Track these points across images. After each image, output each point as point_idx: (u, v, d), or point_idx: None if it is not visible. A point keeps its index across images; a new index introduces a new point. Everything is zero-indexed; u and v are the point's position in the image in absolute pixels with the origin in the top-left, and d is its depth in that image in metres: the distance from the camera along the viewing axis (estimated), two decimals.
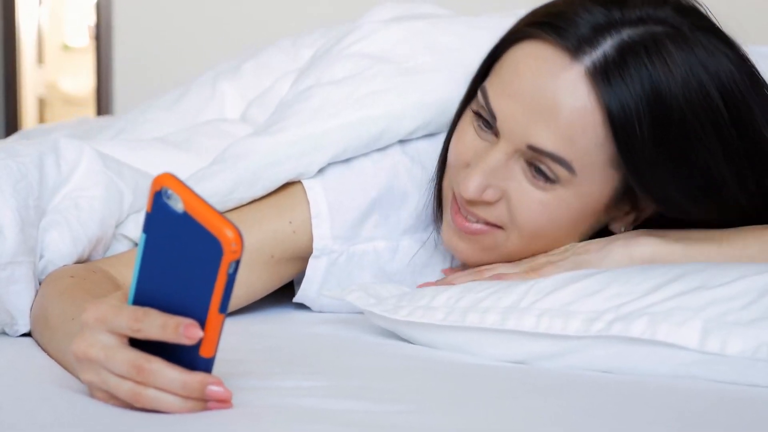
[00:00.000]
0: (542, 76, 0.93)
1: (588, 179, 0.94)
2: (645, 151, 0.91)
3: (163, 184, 0.67)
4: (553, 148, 0.93)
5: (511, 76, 0.96)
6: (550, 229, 0.97)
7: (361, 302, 1.00)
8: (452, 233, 1.04)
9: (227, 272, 0.65)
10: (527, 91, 0.94)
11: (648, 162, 0.92)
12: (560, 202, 0.96)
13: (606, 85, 0.90)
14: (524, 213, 0.97)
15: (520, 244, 1.00)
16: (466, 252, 1.04)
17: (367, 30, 1.25)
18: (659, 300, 0.85)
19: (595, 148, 0.93)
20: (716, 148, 0.92)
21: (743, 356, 0.80)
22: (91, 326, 0.70)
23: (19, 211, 1.00)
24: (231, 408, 0.70)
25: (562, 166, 0.93)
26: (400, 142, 1.14)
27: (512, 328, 0.89)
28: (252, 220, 1.09)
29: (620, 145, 0.92)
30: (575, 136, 0.92)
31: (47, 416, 0.70)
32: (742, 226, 0.99)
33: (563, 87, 0.92)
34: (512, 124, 0.95)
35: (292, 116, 1.14)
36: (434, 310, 0.94)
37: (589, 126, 0.92)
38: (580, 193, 0.95)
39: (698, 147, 0.92)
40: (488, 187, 0.97)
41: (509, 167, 0.97)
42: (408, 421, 0.70)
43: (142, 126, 1.49)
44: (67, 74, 6.71)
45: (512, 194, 0.97)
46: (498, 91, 0.97)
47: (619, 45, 0.91)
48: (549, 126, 0.93)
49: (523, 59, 0.95)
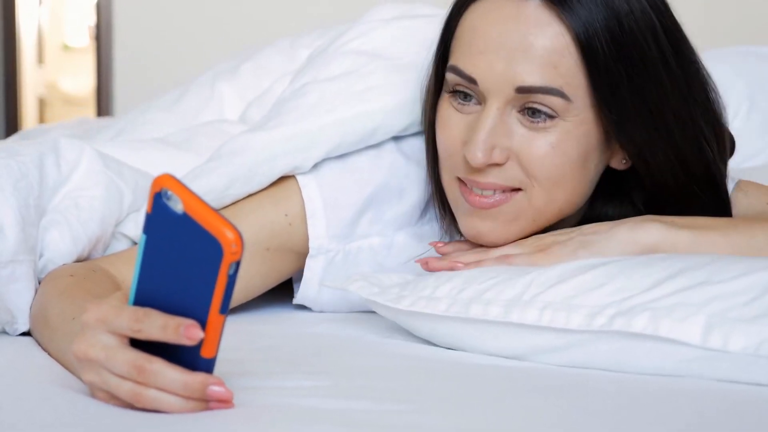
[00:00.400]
0: (503, 23, 0.95)
1: (581, 105, 0.96)
2: (608, 67, 0.94)
3: (162, 185, 0.67)
4: (541, 81, 0.94)
5: (474, 36, 0.97)
6: (566, 170, 0.97)
7: (363, 291, 1.00)
8: (473, 217, 1.01)
9: (227, 273, 0.66)
10: (495, 40, 0.95)
11: (610, 80, 0.95)
12: (566, 136, 0.96)
13: (566, 7, 0.94)
14: (537, 161, 0.96)
15: (544, 198, 0.98)
16: (493, 232, 1.00)
17: (365, 28, 1.25)
18: (662, 295, 0.84)
19: (576, 69, 0.95)
20: (658, 54, 0.96)
21: (746, 353, 0.79)
22: (92, 327, 0.70)
23: (19, 210, 1.01)
24: (232, 408, 0.70)
25: (555, 96, 0.95)
26: (395, 139, 1.14)
27: (515, 321, 0.89)
28: (247, 211, 1.09)
29: (588, 63, 0.94)
30: (556, 61, 0.94)
31: (48, 416, 0.70)
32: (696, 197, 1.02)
33: (527, 22, 0.94)
34: (494, 76, 0.96)
35: (288, 113, 1.14)
36: (437, 301, 0.94)
37: (564, 49, 0.94)
38: (580, 122, 0.96)
39: (645, 53, 0.95)
40: (494, 147, 0.96)
41: (506, 123, 0.97)
42: (409, 421, 0.70)
43: (141, 127, 1.49)
44: (67, 74, 6.71)
45: (518, 148, 0.97)
46: (467, 55, 0.98)
47: None
48: (528, 61, 0.94)
49: (479, 18, 0.98)
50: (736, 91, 1.70)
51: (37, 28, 6.41)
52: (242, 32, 2.77)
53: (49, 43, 6.66)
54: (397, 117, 1.12)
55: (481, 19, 0.97)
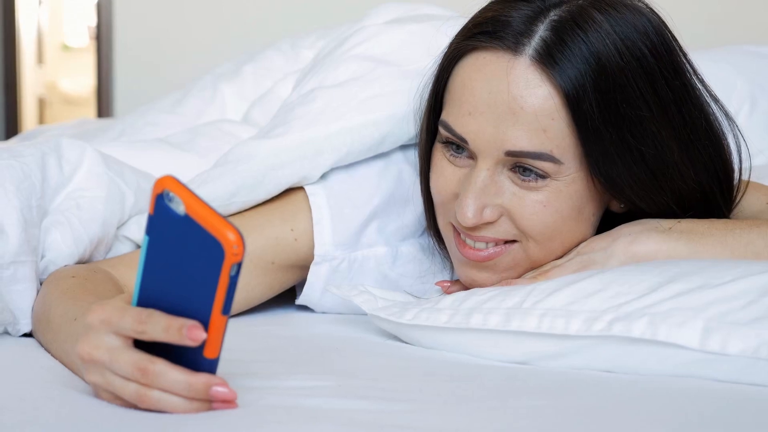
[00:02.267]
0: (493, 81, 0.93)
1: (573, 164, 0.94)
2: (598, 129, 0.92)
3: (164, 187, 0.67)
4: (529, 146, 0.93)
5: (464, 94, 0.96)
6: (558, 225, 0.96)
7: (367, 306, 1.00)
8: (468, 268, 1.01)
9: (229, 274, 0.66)
10: (484, 101, 0.94)
11: (601, 141, 0.92)
12: (557, 195, 0.95)
13: (554, 67, 0.91)
14: (528, 219, 0.96)
15: (540, 250, 0.98)
16: (490, 280, 1.01)
17: (370, 32, 1.25)
18: (659, 300, 0.85)
19: (566, 130, 0.93)
20: (656, 109, 0.93)
21: (744, 356, 0.80)
22: (96, 328, 0.70)
23: (22, 211, 1.01)
24: (235, 408, 0.70)
25: (545, 161, 0.93)
26: (402, 148, 1.14)
27: (515, 329, 0.89)
28: (254, 225, 1.09)
29: (578, 125, 0.92)
30: (545, 125, 0.92)
31: (51, 417, 0.71)
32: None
33: (516, 82, 0.93)
34: (483, 138, 0.94)
35: (294, 120, 1.14)
36: (439, 312, 0.94)
37: (554, 110, 0.92)
38: (571, 180, 0.95)
39: (639, 109, 0.92)
40: (485, 207, 0.96)
41: (497, 182, 0.96)
42: (411, 421, 0.70)
43: (143, 128, 1.49)
44: (67, 75, 6.71)
45: (510, 206, 0.96)
46: (457, 115, 0.96)
47: (552, 26, 0.92)
48: (517, 125, 0.93)
49: (470, 74, 0.96)
50: (737, 90, 1.70)
51: (37, 28, 6.41)
52: (243, 33, 2.77)
53: (48, 44, 6.65)
54: (405, 126, 1.12)
55: (471, 76, 0.95)
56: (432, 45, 1.17)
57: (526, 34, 0.93)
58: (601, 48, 0.91)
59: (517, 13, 0.94)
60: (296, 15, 2.72)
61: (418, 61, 1.17)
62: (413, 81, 1.13)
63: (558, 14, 0.93)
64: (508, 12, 0.95)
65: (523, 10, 0.94)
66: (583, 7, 0.94)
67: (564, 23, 0.92)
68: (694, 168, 0.97)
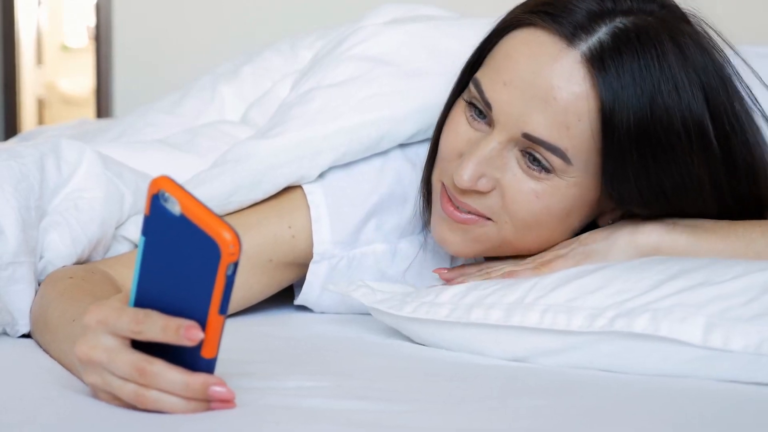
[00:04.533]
0: (538, 62, 0.93)
1: (582, 169, 0.94)
2: (622, 146, 0.91)
3: (160, 187, 0.67)
4: (548, 137, 0.92)
5: (506, 63, 0.95)
6: (543, 219, 0.96)
7: (366, 299, 1.00)
8: (443, 224, 1.01)
9: (226, 274, 0.66)
10: (523, 77, 0.93)
11: (622, 159, 0.91)
12: (554, 191, 0.95)
13: (602, 72, 0.90)
14: (518, 203, 0.96)
15: (513, 234, 0.98)
16: (457, 244, 1.01)
17: (369, 32, 1.25)
18: (662, 296, 0.85)
19: (589, 136, 0.92)
20: (696, 144, 0.92)
21: (746, 352, 0.80)
22: (93, 328, 0.70)
23: (20, 211, 1.01)
24: (234, 408, 0.70)
25: (556, 156, 0.93)
26: (401, 146, 1.14)
27: (516, 324, 0.89)
28: (252, 223, 1.09)
29: (604, 136, 0.91)
30: (570, 123, 0.92)
31: (50, 417, 0.71)
32: None
33: (559, 72, 0.92)
34: (508, 112, 0.94)
35: (292, 119, 1.14)
36: (439, 306, 0.94)
37: (584, 113, 0.91)
38: (574, 183, 0.95)
39: (676, 140, 0.91)
40: (482, 176, 0.96)
41: (504, 157, 0.96)
42: (409, 421, 0.70)
43: (142, 129, 1.49)
44: (67, 75, 6.71)
45: (506, 184, 0.96)
46: (492, 80, 0.96)
47: (613, 32, 0.91)
48: (544, 113, 0.92)
49: (518, 46, 0.95)
50: None
51: (36, 29, 6.41)
52: (242, 33, 2.77)
53: (48, 44, 6.65)
54: (404, 125, 1.12)
55: (520, 49, 0.94)
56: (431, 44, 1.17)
57: (587, 30, 0.92)
58: (654, 74, 0.90)
59: (584, 5, 0.93)
60: (296, 15, 2.72)
61: (416, 61, 1.17)
62: (413, 81, 1.13)
63: (624, 23, 0.92)
64: (575, 0, 0.93)
65: (591, 4, 0.93)
66: (650, 26, 0.92)
67: (627, 34, 0.91)
68: (721, 198, 0.96)
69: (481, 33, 1.03)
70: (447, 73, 1.10)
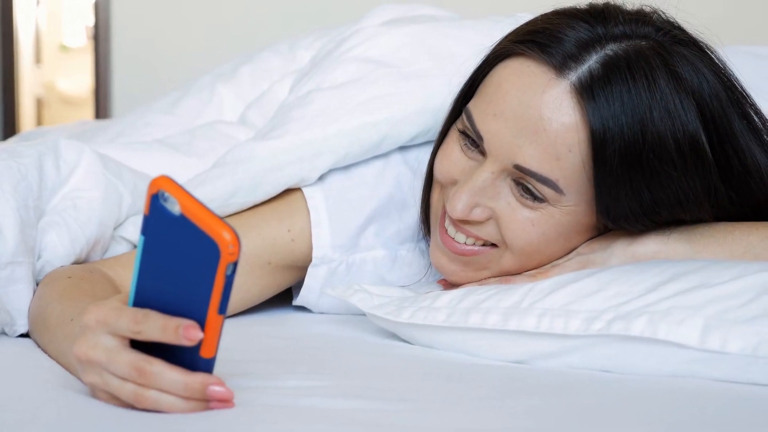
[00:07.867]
0: (528, 92, 0.92)
1: (575, 198, 0.93)
2: (615, 174, 0.89)
3: (159, 187, 0.67)
4: (539, 168, 0.91)
5: (497, 94, 0.94)
6: (542, 246, 0.96)
7: (363, 304, 1.00)
8: (440, 254, 1.01)
9: (225, 274, 0.66)
10: (513, 108, 0.92)
11: (615, 187, 0.90)
12: (549, 219, 0.94)
13: (591, 102, 0.89)
14: (513, 231, 0.95)
15: (514, 262, 0.98)
16: (457, 274, 1.01)
17: (369, 34, 1.24)
18: (659, 299, 0.85)
19: (580, 166, 0.91)
20: (691, 172, 0.91)
21: (744, 354, 0.80)
22: (93, 328, 0.70)
23: (19, 211, 1.01)
24: (232, 408, 0.70)
25: (548, 187, 0.92)
26: (401, 149, 1.14)
27: (514, 329, 0.89)
28: (251, 225, 1.09)
29: (595, 165, 0.90)
30: (561, 154, 0.91)
31: (49, 416, 0.71)
32: None
33: (549, 103, 0.91)
34: (499, 143, 0.93)
35: (292, 121, 1.13)
36: (436, 311, 0.94)
37: (574, 143, 0.90)
38: (568, 211, 0.94)
39: (670, 168, 0.90)
40: (476, 207, 0.96)
41: (497, 186, 0.95)
42: (408, 421, 0.70)
43: (141, 129, 1.49)
44: (65, 75, 6.70)
45: (501, 213, 0.95)
46: (483, 111, 0.95)
47: (604, 61, 0.90)
48: (535, 144, 0.91)
49: (508, 77, 0.94)
50: None
51: (35, 29, 6.40)
52: (241, 33, 2.77)
53: (46, 44, 6.64)
54: (404, 127, 1.12)
55: (510, 80, 0.93)
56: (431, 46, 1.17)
57: (576, 59, 0.90)
58: (644, 100, 0.88)
59: (573, 33, 0.91)
60: (295, 15, 2.73)
61: (416, 63, 1.17)
62: (413, 83, 1.13)
63: (615, 50, 0.90)
64: (564, 29, 0.92)
65: (581, 32, 0.91)
66: (641, 51, 0.90)
67: (617, 62, 0.89)
68: (719, 213, 0.96)
69: (482, 35, 1.03)
70: (447, 74, 1.10)
